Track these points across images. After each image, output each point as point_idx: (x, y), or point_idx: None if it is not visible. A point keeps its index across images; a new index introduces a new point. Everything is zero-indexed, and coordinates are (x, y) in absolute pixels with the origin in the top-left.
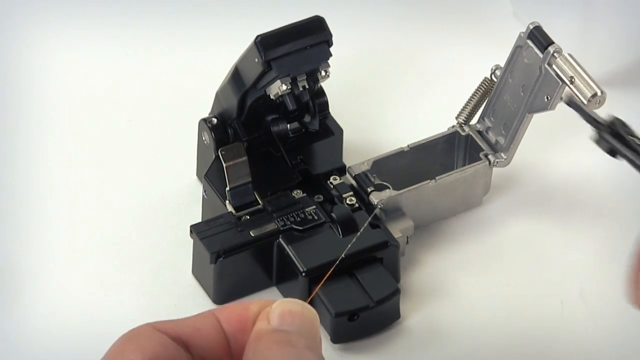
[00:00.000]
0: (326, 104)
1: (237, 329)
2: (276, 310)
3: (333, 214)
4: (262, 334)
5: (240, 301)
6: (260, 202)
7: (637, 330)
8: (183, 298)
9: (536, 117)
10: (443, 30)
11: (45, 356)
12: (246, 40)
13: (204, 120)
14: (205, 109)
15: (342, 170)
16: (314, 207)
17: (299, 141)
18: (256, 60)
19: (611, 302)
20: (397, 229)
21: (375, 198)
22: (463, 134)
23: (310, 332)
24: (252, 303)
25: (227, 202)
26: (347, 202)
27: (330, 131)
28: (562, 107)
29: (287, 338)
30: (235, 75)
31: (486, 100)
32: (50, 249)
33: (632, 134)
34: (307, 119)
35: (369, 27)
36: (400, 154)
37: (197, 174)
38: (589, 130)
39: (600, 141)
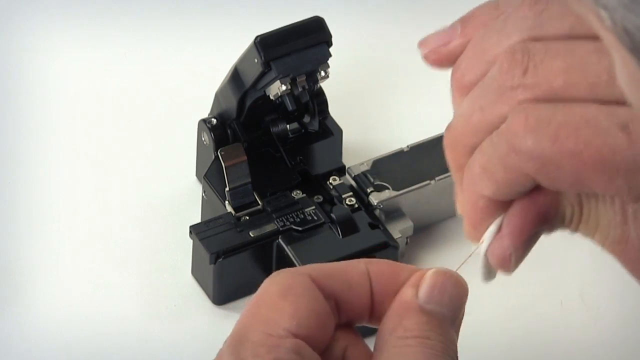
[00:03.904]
0: (326, 104)
1: (384, 290)
2: (427, 281)
3: (332, 215)
4: (406, 311)
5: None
6: (259, 202)
7: (637, 330)
8: (183, 298)
9: None
10: None
11: (45, 356)
12: (246, 41)
13: (204, 120)
14: (204, 109)
15: (341, 170)
16: (314, 207)
17: (299, 142)
18: (256, 60)
19: (611, 302)
20: (397, 230)
21: (374, 199)
22: None
23: (456, 310)
24: (403, 267)
25: (227, 202)
26: (347, 202)
27: (329, 132)
28: None
29: (428, 335)
30: (235, 76)
31: None
32: (50, 249)
33: None
34: (306, 119)
35: (368, 27)
36: (399, 155)
37: (196, 175)
38: None
39: None
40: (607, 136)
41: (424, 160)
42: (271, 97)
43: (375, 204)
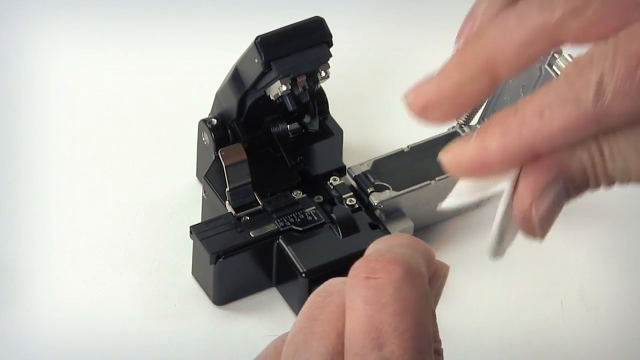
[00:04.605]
0: (326, 104)
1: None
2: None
3: (333, 215)
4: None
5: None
6: (260, 202)
7: (637, 330)
8: (183, 298)
9: None
10: (443, 30)
11: (45, 356)
12: (246, 41)
13: (204, 121)
14: (205, 109)
15: (341, 170)
16: (314, 207)
17: (299, 142)
18: (256, 60)
19: (611, 302)
20: (397, 230)
21: (375, 199)
22: (463, 134)
23: None
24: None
25: (227, 202)
26: (347, 202)
27: (330, 132)
28: None
29: None
30: (235, 76)
31: (486, 101)
32: (50, 249)
33: None
34: (307, 119)
35: (369, 27)
36: (400, 155)
37: (196, 175)
38: None
39: None
40: None
41: (424, 160)
42: (271, 97)
43: (376, 204)
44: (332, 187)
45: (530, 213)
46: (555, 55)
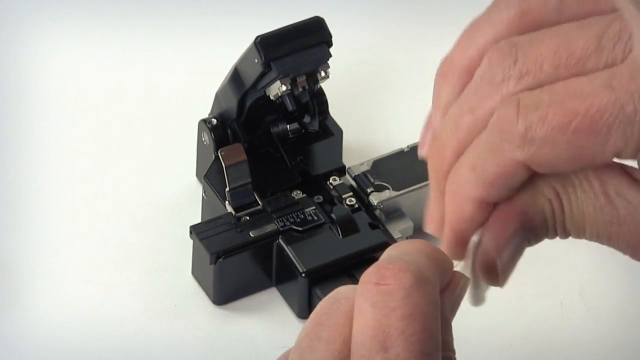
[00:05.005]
0: (326, 104)
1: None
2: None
3: (333, 215)
4: (445, 326)
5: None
6: (259, 202)
7: (637, 330)
8: (183, 298)
9: None
10: (444, 30)
11: (45, 356)
12: (246, 41)
13: (204, 120)
14: (205, 109)
15: (341, 170)
16: (314, 207)
17: (299, 142)
18: (256, 60)
19: (611, 302)
20: (397, 230)
21: (375, 199)
22: None
23: None
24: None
25: (227, 202)
26: (347, 202)
27: (329, 132)
28: None
29: None
30: (235, 76)
31: None
32: (50, 249)
33: None
34: (306, 119)
35: (368, 27)
36: (399, 155)
37: (196, 175)
38: None
39: None
40: (593, 98)
41: (424, 160)
42: (271, 97)
43: (376, 204)
44: (332, 187)
45: (494, 264)
46: None
